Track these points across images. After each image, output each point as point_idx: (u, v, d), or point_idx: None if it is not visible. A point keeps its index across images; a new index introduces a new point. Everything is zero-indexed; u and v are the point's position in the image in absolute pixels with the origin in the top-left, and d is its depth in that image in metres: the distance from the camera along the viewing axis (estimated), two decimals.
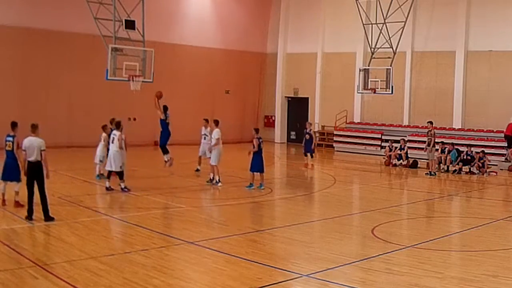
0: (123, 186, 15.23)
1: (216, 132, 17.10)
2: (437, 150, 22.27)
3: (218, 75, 32.18)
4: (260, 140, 16.54)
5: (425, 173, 21.51)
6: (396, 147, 24.43)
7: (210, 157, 17.44)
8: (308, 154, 22.47)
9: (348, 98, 30.65)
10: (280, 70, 34.17)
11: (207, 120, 19.14)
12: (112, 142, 15.24)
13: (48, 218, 11.48)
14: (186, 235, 10.79)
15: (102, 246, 9.82)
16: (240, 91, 33.58)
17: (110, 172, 15.29)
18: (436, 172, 21.67)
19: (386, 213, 13.64)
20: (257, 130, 16.99)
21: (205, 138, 18.90)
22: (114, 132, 15.39)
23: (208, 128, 18.81)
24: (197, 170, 19.21)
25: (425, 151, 21.87)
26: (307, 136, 22.59)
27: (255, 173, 16.55)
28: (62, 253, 9.26)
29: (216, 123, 17.48)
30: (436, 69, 28.04)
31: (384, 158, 24.86)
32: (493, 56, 26.12)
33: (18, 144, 12.46)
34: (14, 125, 12.73)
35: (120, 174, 15.20)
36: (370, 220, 12.74)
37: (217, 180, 17.00)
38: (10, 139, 12.55)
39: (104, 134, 17.09)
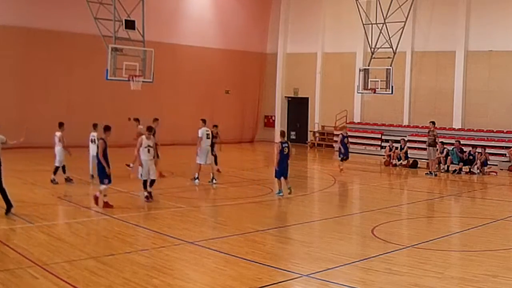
0: (146, 194, 14.32)
1: (199, 131, 17.19)
2: (437, 150, 22.26)
3: (218, 75, 32.17)
4: (284, 145, 15.21)
5: (425, 173, 21.50)
6: (396, 147, 24.42)
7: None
8: (340, 158, 21.34)
9: (348, 98, 30.64)
10: (280, 70, 34.15)
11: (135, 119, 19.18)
12: (148, 152, 13.90)
13: (9, 211, 11.70)
14: (186, 235, 10.78)
15: (102, 246, 9.83)
16: (240, 91, 33.55)
17: (145, 181, 14.12)
18: (436, 172, 21.66)
19: (386, 213, 13.64)
20: (282, 133, 15.94)
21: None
22: (148, 141, 13.97)
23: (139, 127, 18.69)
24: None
25: (427, 137, 21.74)
26: (346, 140, 21.42)
27: (281, 179, 15.44)
28: (62, 253, 9.26)
29: (203, 122, 17.48)
30: (436, 69, 28.03)
31: (384, 158, 24.85)
32: (493, 56, 26.10)
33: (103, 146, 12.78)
34: (107, 128, 13.06)
35: (152, 182, 14.22)
36: (370, 220, 12.74)
37: (195, 177, 17.16)
38: (96, 142, 12.85)
39: (95, 133, 16.99)
